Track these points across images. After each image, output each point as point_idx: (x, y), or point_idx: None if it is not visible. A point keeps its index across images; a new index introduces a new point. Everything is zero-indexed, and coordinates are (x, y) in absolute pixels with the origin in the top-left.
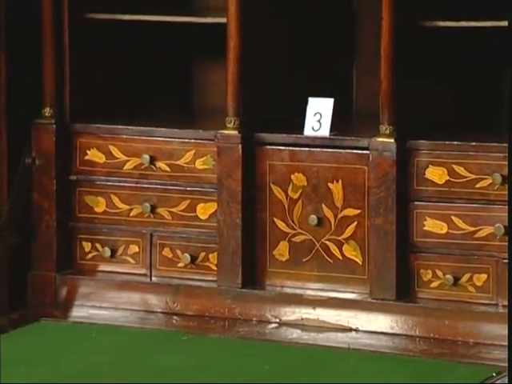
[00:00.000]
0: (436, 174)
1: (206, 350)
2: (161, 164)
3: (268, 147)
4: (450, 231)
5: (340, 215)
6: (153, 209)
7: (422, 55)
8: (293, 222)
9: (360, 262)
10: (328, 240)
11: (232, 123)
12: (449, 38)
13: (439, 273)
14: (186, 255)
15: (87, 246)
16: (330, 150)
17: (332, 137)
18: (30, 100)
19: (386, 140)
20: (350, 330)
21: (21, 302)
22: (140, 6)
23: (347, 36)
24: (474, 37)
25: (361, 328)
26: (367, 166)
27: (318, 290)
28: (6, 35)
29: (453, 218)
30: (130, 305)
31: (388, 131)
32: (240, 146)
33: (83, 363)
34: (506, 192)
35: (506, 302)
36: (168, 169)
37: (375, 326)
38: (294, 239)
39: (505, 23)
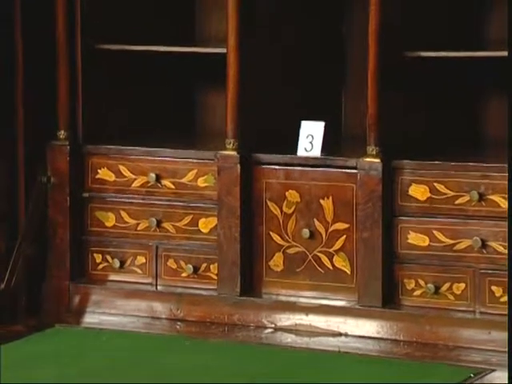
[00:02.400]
0: (418, 192)
1: (207, 353)
2: (166, 182)
3: (264, 167)
4: (432, 244)
5: (330, 229)
6: (158, 223)
7: (406, 81)
8: (287, 235)
9: (349, 272)
10: (319, 252)
11: (231, 144)
12: (431, 66)
13: (421, 282)
14: (189, 266)
15: (98, 257)
16: (321, 169)
17: (323, 157)
18: (46, 123)
19: (372, 160)
20: (340, 334)
21: (37, 308)
22: (147, 38)
23: (337, 66)
24: (453, 65)
25: (350, 333)
26: (355, 184)
27: (310, 297)
28: (24, 63)
29: (434, 231)
30: (138, 311)
31: (374, 152)
32: (238, 165)
33: (94, 364)
34: (483, 208)
35: (482, 309)
36: (172, 186)
37: (363, 331)
38: (288, 251)
39: (480, 54)
